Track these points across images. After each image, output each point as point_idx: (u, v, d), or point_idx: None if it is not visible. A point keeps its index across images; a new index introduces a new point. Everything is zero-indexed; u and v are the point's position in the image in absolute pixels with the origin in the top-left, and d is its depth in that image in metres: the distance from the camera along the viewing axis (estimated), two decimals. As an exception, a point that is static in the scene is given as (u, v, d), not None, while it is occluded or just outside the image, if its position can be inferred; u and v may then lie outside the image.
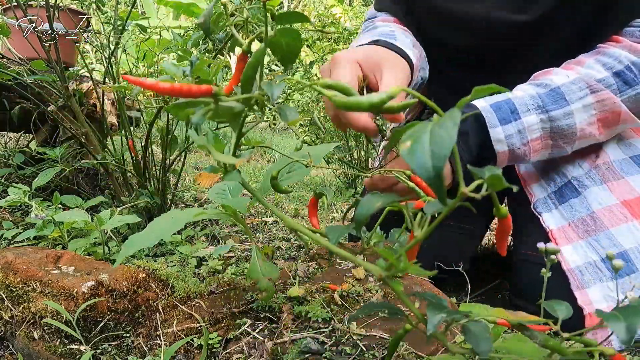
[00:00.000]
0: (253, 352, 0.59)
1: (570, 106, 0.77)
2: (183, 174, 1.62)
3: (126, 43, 1.34)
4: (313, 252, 0.89)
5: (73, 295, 0.67)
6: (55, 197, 0.99)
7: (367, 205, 0.37)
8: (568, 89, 0.78)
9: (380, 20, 1.02)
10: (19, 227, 1.12)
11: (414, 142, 0.27)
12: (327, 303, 0.67)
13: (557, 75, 0.80)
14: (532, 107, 0.78)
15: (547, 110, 0.78)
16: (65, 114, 1.26)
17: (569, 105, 0.77)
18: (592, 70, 0.79)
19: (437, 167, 0.25)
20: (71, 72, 1.28)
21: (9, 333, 0.68)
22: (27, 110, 1.38)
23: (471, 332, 0.34)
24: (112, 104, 1.53)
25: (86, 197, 1.28)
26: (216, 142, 0.46)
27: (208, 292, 0.74)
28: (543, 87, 0.79)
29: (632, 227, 0.75)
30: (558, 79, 0.79)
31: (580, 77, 0.78)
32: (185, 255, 1.02)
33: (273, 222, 1.43)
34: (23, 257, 0.74)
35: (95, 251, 0.94)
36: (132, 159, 1.26)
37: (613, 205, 0.79)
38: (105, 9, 1.41)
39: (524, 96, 0.79)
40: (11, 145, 1.77)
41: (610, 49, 0.80)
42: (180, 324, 0.66)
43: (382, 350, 0.57)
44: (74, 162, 1.35)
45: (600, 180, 0.82)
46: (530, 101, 0.78)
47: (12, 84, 1.15)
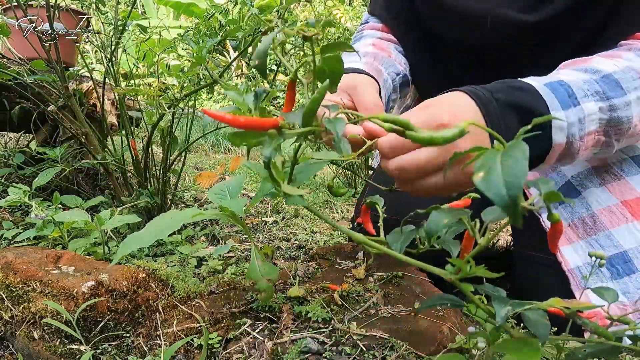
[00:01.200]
0: (253, 352, 0.59)
1: (628, 95, 0.66)
2: (183, 174, 1.62)
3: (126, 43, 1.34)
4: (313, 252, 0.89)
5: (73, 295, 0.67)
6: (55, 197, 0.99)
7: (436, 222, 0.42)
8: (622, 77, 0.67)
9: (368, 28, 1.09)
10: (19, 227, 1.12)
11: (487, 172, 0.29)
12: (327, 303, 0.67)
13: (602, 64, 0.70)
14: (590, 92, 0.64)
15: (607, 98, 0.65)
16: (65, 114, 1.26)
17: (627, 94, 0.66)
18: (635, 62, 0.70)
19: (514, 196, 0.28)
20: (71, 72, 1.28)
21: (9, 333, 0.68)
22: (27, 110, 1.38)
23: (530, 319, 0.38)
24: (112, 104, 1.53)
25: (86, 197, 1.28)
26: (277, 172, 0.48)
27: (208, 292, 0.74)
28: (593, 73, 0.67)
29: (632, 227, 0.75)
30: (606, 66, 0.68)
31: (629, 67, 0.69)
32: (185, 255, 1.02)
33: (273, 222, 1.43)
34: (23, 257, 0.74)
35: (95, 251, 0.94)
36: (132, 158, 1.26)
37: (613, 206, 0.79)
38: (105, 9, 1.41)
39: (576, 80, 0.65)
40: (11, 145, 1.77)
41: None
42: (180, 324, 0.66)
43: (382, 350, 0.57)
44: (74, 162, 1.35)
45: (600, 181, 0.82)
46: (585, 86, 0.65)
47: (12, 84, 1.15)
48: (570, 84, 0.64)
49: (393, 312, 0.65)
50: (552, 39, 0.84)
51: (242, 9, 6.04)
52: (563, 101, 0.63)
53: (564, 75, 0.67)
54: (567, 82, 0.64)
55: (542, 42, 0.85)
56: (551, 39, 0.84)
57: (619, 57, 0.72)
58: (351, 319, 0.64)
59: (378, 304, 0.68)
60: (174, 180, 1.40)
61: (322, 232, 1.34)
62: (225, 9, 5.58)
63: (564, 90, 0.63)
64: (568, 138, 0.63)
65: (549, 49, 0.85)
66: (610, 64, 0.69)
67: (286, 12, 1.05)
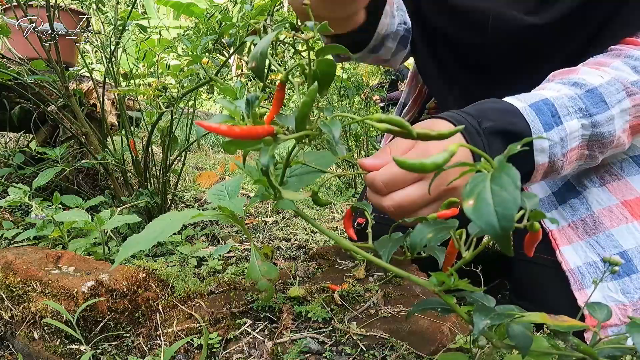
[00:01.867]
0: (253, 352, 0.59)
1: (611, 110, 0.68)
2: (183, 174, 1.62)
3: (126, 43, 1.34)
4: (313, 252, 0.89)
5: (73, 295, 0.67)
6: (55, 197, 0.99)
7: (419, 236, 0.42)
8: (607, 91, 0.68)
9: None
10: (19, 227, 1.12)
11: (477, 201, 0.29)
12: (327, 303, 0.67)
13: (589, 75, 0.70)
14: (573, 109, 0.66)
15: (590, 115, 0.66)
16: (65, 114, 1.26)
17: (610, 109, 0.67)
18: (622, 72, 0.71)
19: (506, 227, 0.27)
20: (71, 72, 1.28)
21: (9, 333, 0.68)
22: (27, 110, 1.38)
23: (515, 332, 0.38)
24: (112, 104, 1.53)
25: (86, 197, 1.28)
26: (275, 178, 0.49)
27: (208, 292, 0.74)
28: (578, 87, 0.69)
29: (632, 227, 0.75)
30: (592, 79, 0.69)
31: (615, 78, 0.69)
32: (185, 255, 1.02)
33: (273, 222, 1.43)
34: (23, 257, 0.74)
35: (95, 251, 0.94)
36: (133, 158, 1.26)
37: (613, 206, 0.78)
38: (106, 9, 1.41)
39: (561, 97, 0.67)
40: (11, 145, 1.78)
41: (632, 51, 0.74)
42: (180, 324, 0.66)
43: (382, 350, 0.57)
44: (74, 162, 1.35)
45: (600, 181, 0.82)
46: (569, 103, 0.66)
47: (12, 84, 1.15)
48: (554, 102, 0.65)
49: (393, 312, 0.65)
50: (559, 40, 0.82)
51: (241, 8, 6.03)
52: (546, 122, 0.64)
53: (550, 91, 0.68)
54: (551, 100, 0.66)
55: (543, 45, 0.84)
56: (558, 40, 0.82)
57: (607, 65, 0.73)
58: (351, 319, 0.64)
59: (378, 304, 0.68)
60: (174, 180, 1.40)
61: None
62: (225, 9, 5.58)
63: (548, 110, 0.65)
64: (550, 157, 0.65)
65: (555, 51, 0.83)
66: (597, 75, 0.70)
67: (277, 11, 1.04)
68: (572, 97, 0.67)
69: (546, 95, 0.67)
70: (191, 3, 6.65)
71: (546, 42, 0.83)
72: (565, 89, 0.69)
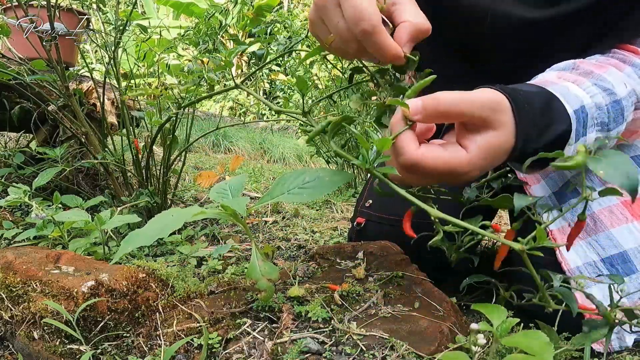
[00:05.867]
0: (253, 352, 0.59)
1: (623, 125, 0.70)
2: (183, 174, 1.63)
3: (126, 43, 1.34)
4: (313, 252, 0.89)
5: (73, 295, 0.67)
6: (56, 197, 0.99)
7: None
8: (626, 104, 0.69)
9: None
10: (19, 227, 1.12)
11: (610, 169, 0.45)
12: (327, 303, 0.67)
13: (616, 80, 0.70)
14: (597, 121, 0.67)
15: (608, 130, 0.68)
16: (65, 114, 1.26)
17: (623, 123, 0.69)
18: (633, 80, 0.72)
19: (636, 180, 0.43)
20: (71, 72, 1.28)
21: (9, 333, 0.68)
22: (27, 110, 1.38)
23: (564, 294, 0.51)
24: (112, 103, 1.53)
25: (86, 197, 1.28)
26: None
27: (208, 292, 0.74)
28: (608, 95, 0.69)
29: (632, 227, 0.75)
30: (619, 87, 0.70)
31: (633, 90, 0.71)
32: (185, 255, 1.02)
33: (273, 222, 1.43)
34: (23, 257, 0.74)
35: (95, 251, 0.94)
36: (133, 158, 1.26)
37: (613, 206, 0.79)
38: (106, 9, 1.41)
39: (592, 105, 0.67)
40: (11, 145, 1.78)
41: (636, 60, 0.74)
42: (180, 324, 0.66)
43: (382, 350, 0.57)
44: (74, 162, 1.35)
45: (600, 181, 0.82)
46: (596, 114, 0.67)
47: (12, 83, 1.15)
48: (588, 112, 0.66)
49: (393, 312, 0.65)
50: (562, 38, 0.80)
51: (242, 8, 6.04)
52: (578, 132, 0.65)
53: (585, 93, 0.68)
54: (587, 109, 0.66)
55: (549, 42, 0.81)
56: (561, 38, 0.80)
57: (621, 70, 0.72)
58: (351, 318, 0.64)
59: (378, 304, 0.68)
60: (174, 180, 1.40)
61: (322, 232, 1.34)
62: (225, 9, 5.58)
63: (582, 120, 0.66)
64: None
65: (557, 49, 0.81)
66: (622, 82, 0.70)
67: (277, 11, 1.04)
68: (600, 107, 0.67)
69: (583, 100, 0.66)
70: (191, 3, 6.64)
71: (546, 40, 0.82)
72: (598, 95, 0.68)
